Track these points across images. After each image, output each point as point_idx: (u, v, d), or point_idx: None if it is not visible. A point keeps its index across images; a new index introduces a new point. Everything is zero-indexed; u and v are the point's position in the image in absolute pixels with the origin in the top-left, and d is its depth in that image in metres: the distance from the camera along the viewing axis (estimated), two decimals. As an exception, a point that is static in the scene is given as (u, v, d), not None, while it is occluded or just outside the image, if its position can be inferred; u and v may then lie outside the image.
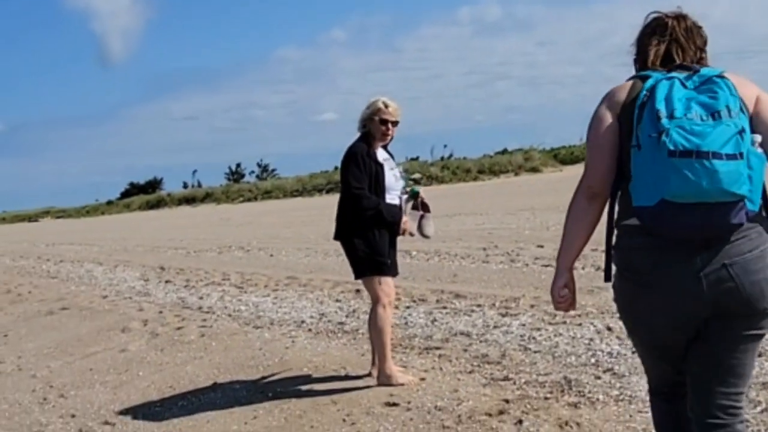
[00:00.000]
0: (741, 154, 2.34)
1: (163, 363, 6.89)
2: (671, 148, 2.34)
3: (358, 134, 5.42)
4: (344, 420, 4.69)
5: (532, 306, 7.34)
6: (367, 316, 7.60)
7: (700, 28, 2.80)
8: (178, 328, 8.36)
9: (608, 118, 2.64)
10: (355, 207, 5.17)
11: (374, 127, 5.31)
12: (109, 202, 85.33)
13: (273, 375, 5.99)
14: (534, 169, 52.67)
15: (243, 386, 5.79)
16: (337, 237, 5.38)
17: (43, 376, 6.96)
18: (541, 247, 11.24)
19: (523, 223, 15.81)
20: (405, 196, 5.45)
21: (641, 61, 2.79)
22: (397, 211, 5.32)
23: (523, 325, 6.64)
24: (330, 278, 10.70)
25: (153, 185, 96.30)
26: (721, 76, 2.51)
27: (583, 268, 9.04)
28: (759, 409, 4.08)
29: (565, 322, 6.48)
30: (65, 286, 14.00)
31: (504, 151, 68.96)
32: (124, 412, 5.50)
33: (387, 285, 5.27)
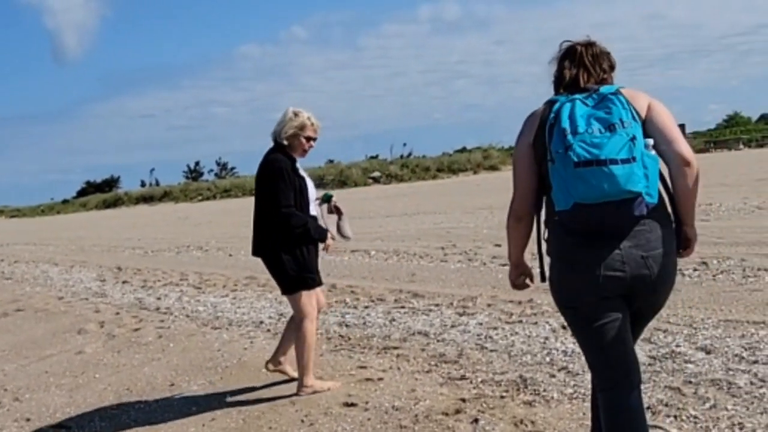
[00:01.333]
0: (634, 158, 2.82)
1: (119, 365, 6.83)
2: (575, 160, 2.82)
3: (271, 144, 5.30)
4: (302, 421, 4.69)
5: (489, 305, 7.40)
6: (326, 318, 7.62)
7: (607, 54, 3.27)
8: (136, 330, 8.30)
9: (524, 149, 3.15)
10: (284, 225, 5.06)
11: (297, 142, 5.20)
12: (65, 201, 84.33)
13: (231, 376, 5.98)
14: (493, 167, 53.04)
15: (201, 388, 5.77)
16: (258, 253, 5.30)
17: (-3, 380, 6.88)
18: (499, 246, 11.30)
19: (481, 222, 15.91)
20: (318, 202, 5.43)
21: (557, 82, 3.24)
22: (323, 227, 5.30)
23: (480, 324, 6.69)
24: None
25: (110, 184, 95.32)
26: (615, 93, 2.99)
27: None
28: (707, 405, 4.16)
29: (521, 321, 6.56)
30: (20, 288, 13.81)
31: (463, 150, 69.35)
32: (80, 416, 5.44)
33: (314, 299, 5.27)
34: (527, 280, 3.48)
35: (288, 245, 5.09)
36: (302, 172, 5.24)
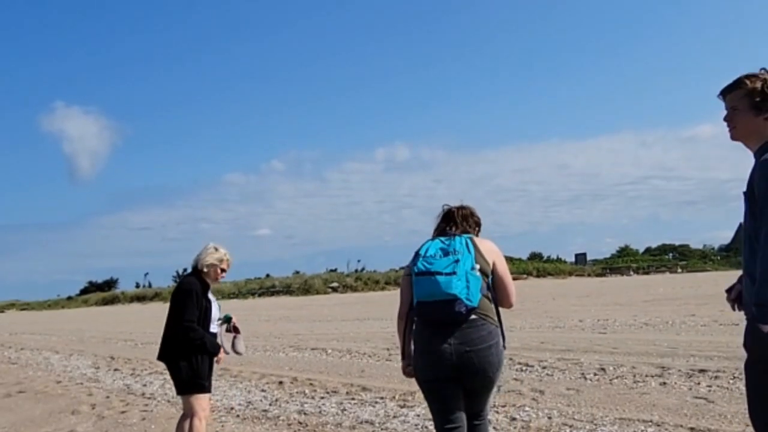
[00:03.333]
0: (455, 272, 3.54)
1: (106, 443, 6.52)
2: (416, 271, 3.63)
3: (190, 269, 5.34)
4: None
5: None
6: (287, 406, 7.41)
7: (473, 215, 4.06)
8: (123, 412, 7.96)
9: (407, 271, 3.84)
10: (184, 336, 5.02)
11: (214, 271, 5.26)
12: (69, 298, 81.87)
13: (203, 456, 5.72)
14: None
15: (176, 466, 5.51)
16: (161, 358, 5.22)
17: (-4, 454, 6.51)
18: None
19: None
20: (219, 322, 5.38)
21: (436, 229, 4.00)
22: (217, 343, 5.23)
23: (418, 415, 6.53)
24: (257, 371, 10.42)
25: (109, 284, 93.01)
26: (464, 237, 3.78)
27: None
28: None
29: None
30: (23, 372, 13.24)
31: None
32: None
33: (204, 401, 5.18)
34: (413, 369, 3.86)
35: (185, 354, 5.04)
36: (211, 297, 5.25)
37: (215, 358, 5.23)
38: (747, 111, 2.98)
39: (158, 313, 39.94)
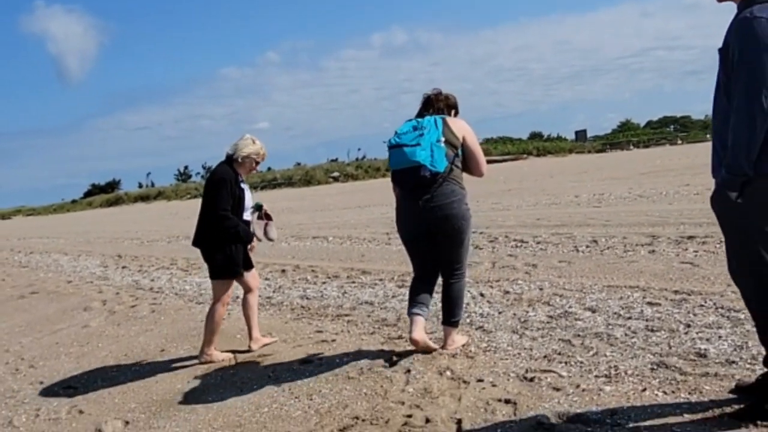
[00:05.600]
0: (419, 144, 4.28)
1: (119, 335, 6.81)
2: (389, 145, 4.42)
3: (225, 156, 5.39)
4: (269, 376, 4.76)
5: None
6: (290, 292, 7.67)
7: (447, 98, 4.71)
8: (132, 306, 8.27)
9: None
10: (219, 225, 5.18)
11: (248, 162, 5.36)
12: (74, 201, 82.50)
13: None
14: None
15: (186, 352, 5.79)
16: (196, 244, 5.38)
17: (15, 351, 6.80)
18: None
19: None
20: (251, 210, 5.51)
21: (416, 115, 4.65)
22: (250, 231, 5.40)
23: (416, 294, 6.77)
24: (260, 260, 10.65)
25: (112, 186, 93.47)
26: (433, 116, 4.49)
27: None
28: (591, 353, 4.30)
29: (448, 291, 6.65)
30: (35, 274, 13.60)
31: (407, 152, 68.95)
32: (85, 378, 5.43)
33: (230, 287, 5.40)
34: None
35: (220, 241, 5.22)
36: (243, 185, 5.36)
37: (249, 246, 5.42)
38: None
39: (163, 211, 40.38)
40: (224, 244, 5.22)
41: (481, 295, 6.32)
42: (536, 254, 8.22)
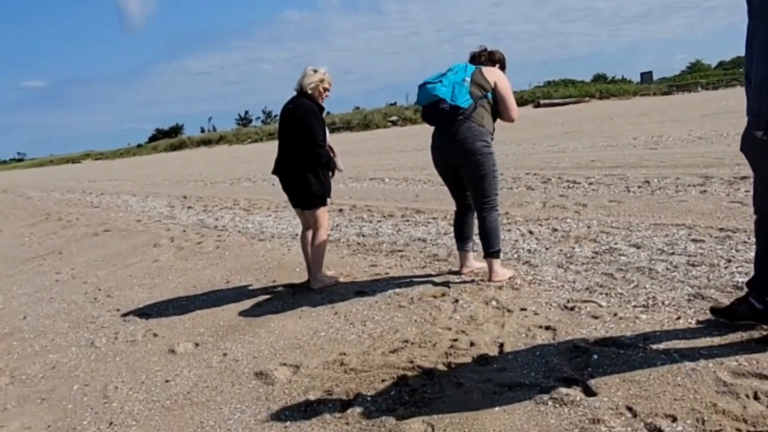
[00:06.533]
0: (441, 81, 4.73)
1: (187, 269, 7.23)
2: (418, 85, 4.87)
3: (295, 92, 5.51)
4: (327, 304, 5.06)
5: (475, 217, 7.67)
6: (347, 230, 7.94)
7: (491, 54, 5.03)
8: (198, 243, 8.70)
9: None
10: (316, 155, 5.34)
11: (317, 91, 5.44)
12: (139, 146, 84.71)
13: (273, 274, 6.35)
14: (490, 110, 52.34)
15: (249, 283, 6.15)
16: (285, 174, 5.50)
17: (92, 282, 7.31)
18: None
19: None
20: None
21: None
22: (334, 160, 5.55)
23: (467, 232, 6.98)
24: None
25: (175, 130, 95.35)
26: (468, 64, 4.88)
27: (517, 188, 9.40)
28: (631, 285, 4.46)
29: (498, 229, 6.83)
30: (106, 214, 14.26)
31: (466, 96, 68.16)
32: (158, 306, 5.85)
33: (327, 214, 5.62)
34: None
35: (315, 171, 5.41)
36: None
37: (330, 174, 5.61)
38: None
39: (225, 155, 41.13)
40: (318, 172, 5.42)
41: (530, 232, 6.50)
42: (587, 194, 8.31)
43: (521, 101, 57.78)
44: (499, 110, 4.90)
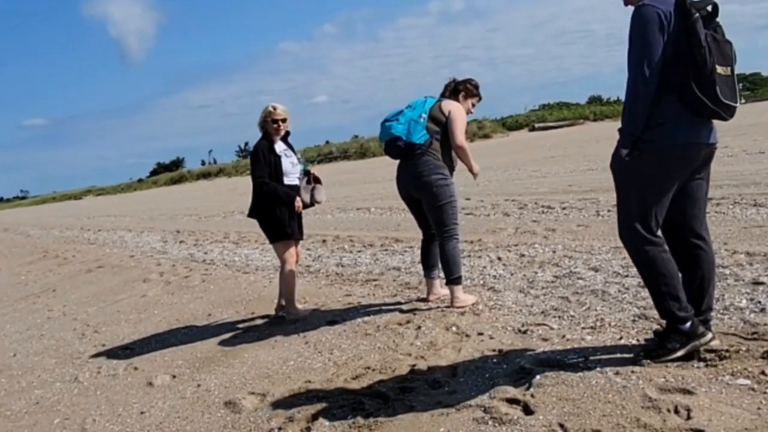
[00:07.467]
0: (397, 119, 5.05)
1: (172, 303, 7.41)
2: (381, 121, 5.19)
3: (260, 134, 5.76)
4: (299, 334, 5.24)
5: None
6: (327, 261, 8.13)
7: (456, 84, 5.34)
8: (186, 277, 8.88)
9: None
10: (259, 192, 5.60)
11: (269, 126, 5.68)
12: (140, 180, 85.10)
13: (252, 307, 6.53)
14: (486, 136, 52.83)
15: (230, 316, 6.34)
16: (251, 215, 5.84)
17: (81, 319, 7.49)
18: (468, 199, 11.74)
19: (456, 181, 16.22)
20: (299, 175, 5.83)
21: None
22: (292, 191, 5.67)
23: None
24: (305, 232, 11.17)
25: (176, 164, 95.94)
26: (429, 98, 5.21)
27: (494, 215, 9.60)
28: (584, 308, 4.64)
29: (470, 256, 7.02)
30: (101, 250, 14.45)
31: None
32: (141, 341, 6.03)
33: (291, 247, 5.79)
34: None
35: (265, 207, 5.66)
36: (279, 151, 5.69)
37: (295, 207, 5.69)
38: None
39: (222, 187, 41.30)
40: (270, 209, 5.64)
41: (498, 258, 6.69)
42: (558, 219, 8.52)
43: (516, 125, 58.24)
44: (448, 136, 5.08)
